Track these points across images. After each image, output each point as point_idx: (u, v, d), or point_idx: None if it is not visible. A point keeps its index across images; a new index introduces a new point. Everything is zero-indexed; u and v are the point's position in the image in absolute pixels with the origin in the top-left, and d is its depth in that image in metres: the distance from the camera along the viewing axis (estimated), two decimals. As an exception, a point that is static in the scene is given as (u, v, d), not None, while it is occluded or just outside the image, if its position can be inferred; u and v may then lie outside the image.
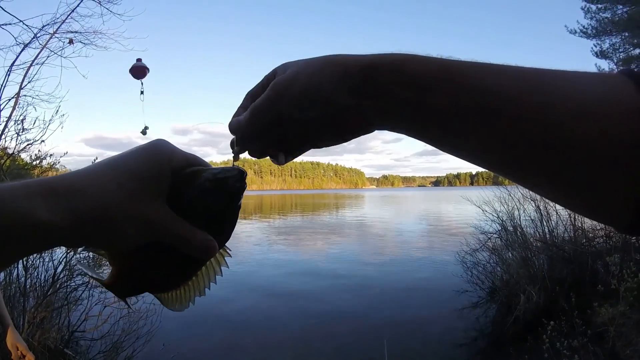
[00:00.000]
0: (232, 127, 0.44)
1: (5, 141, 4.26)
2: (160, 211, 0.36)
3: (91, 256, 4.97)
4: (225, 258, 0.47)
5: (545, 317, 3.93)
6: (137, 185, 0.35)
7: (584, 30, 9.25)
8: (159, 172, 0.36)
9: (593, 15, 7.70)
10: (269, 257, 11.79)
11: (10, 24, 4.40)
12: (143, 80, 5.07)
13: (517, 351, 4.27)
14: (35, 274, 4.38)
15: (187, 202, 0.38)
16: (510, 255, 6.77)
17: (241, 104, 0.46)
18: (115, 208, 0.33)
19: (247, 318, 6.14)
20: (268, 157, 0.48)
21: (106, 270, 0.45)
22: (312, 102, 0.40)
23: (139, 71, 5.00)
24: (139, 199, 0.34)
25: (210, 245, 0.38)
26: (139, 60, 5.02)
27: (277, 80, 0.41)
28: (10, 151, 4.17)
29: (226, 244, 0.44)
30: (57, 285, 4.42)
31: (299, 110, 0.41)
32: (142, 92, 5.13)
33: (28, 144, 4.28)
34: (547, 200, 6.86)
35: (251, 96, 0.46)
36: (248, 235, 17.32)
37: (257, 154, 0.46)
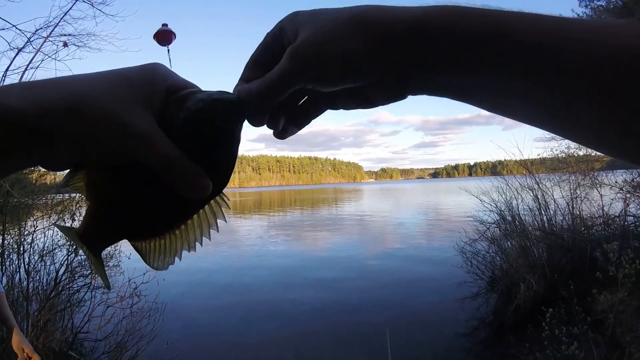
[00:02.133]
0: (242, 96, 0.36)
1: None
2: (145, 121, 0.31)
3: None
4: (223, 209, 0.39)
5: (545, 305, 3.95)
6: (126, 89, 0.31)
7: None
8: (152, 85, 0.33)
9: (588, 3, 7.68)
10: (271, 251, 11.83)
11: (3, 29, 4.37)
12: (169, 47, 4.51)
13: (517, 339, 4.31)
14: (37, 277, 4.39)
15: (178, 127, 0.33)
16: (509, 244, 6.81)
17: (243, 75, 0.38)
18: (92, 103, 0.29)
19: (249, 313, 6.16)
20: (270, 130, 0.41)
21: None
22: (345, 75, 0.33)
23: (164, 37, 4.41)
24: (124, 102, 0.30)
25: (202, 181, 0.33)
26: (164, 25, 4.48)
27: (296, 48, 0.33)
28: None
29: (224, 194, 0.39)
30: (60, 288, 4.43)
31: (327, 84, 0.34)
32: (169, 60, 4.63)
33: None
34: (544, 190, 6.89)
35: (254, 63, 0.38)
36: (249, 230, 17.37)
37: (263, 124, 0.39)
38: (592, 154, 7.64)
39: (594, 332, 3.53)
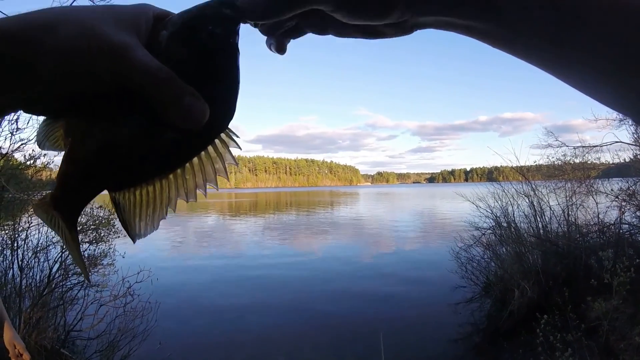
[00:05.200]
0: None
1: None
2: (125, 35, 0.27)
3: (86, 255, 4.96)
4: (232, 150, 0.33)
5: (540, 312, 3.96)
6: (110, 11, 0.28)
7: None
8: (139, 10, 0.30)
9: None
10: (265, 254, 11.80)
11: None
12: None
13: (511, 345, 4.32)
14: (31, 274, 4.36)
15: (164, 46, 0.29)
16: (504, 250, 6.83)
17: None
18: (71, 18, 0.27)
19: (243, 314, 6.14)
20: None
21: None
22: (379, 14, 0.32)
23: None
24: (105, 19, 0.27)
25: (196, 103, 0.28)
26: None
27: None
28: (4, 151, 4.14)
29: (231, 130, 0.33)
30: (53, 285, 4.40)
31: (356, 17, 0.32)
32: None
33: (22, 144, 4.25)
34: (540, 196, 6.92)
35: None
36: (244, 232, 17.32)
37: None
38: (589, 162, 7.69)
39: (588, 339, 3.54)
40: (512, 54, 0.35)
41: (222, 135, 0.33)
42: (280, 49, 0.37)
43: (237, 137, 0.33)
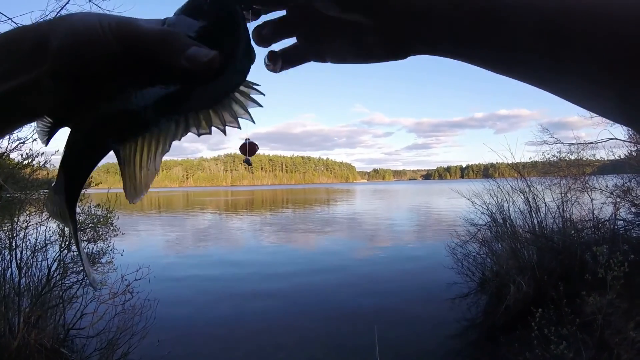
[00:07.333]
0: None
1: (-4, 140, 4.21)
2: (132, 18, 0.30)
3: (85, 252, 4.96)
4: (254, 96, 0.34)
5: (535, 306, 3.99)
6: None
7: None
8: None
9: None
10: (262, 251, 11.81)
11: (-1, 22, 4.31)
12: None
13: (507, 340, 4.36)
14: (29, 273, 4.35)
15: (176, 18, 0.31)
16: (499, 246, 6.86)
17: None
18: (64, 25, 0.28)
19: (240, 312, 6.16)
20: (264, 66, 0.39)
21: None
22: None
23: (251, 150, 4.83)
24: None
25: (200, 50, 0.30)
26: (247, 139, 4.70)
27: None
28: (1, 150, 4.12)
29: (250, 82, 0.34)
30: (52, 284, 4.39)
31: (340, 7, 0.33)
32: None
33: (20, 143, 4.22)
34: (535, 193, 6.97)
35: None
36: (240, 230, 17.31)
37: (267, 39, 0.38)
38: (584, 159, 7.75)
39: (583, 334, 3.58)
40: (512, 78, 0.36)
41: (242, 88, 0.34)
42: (275, 65, 0.39)
43: (258, 84, 0.34)
